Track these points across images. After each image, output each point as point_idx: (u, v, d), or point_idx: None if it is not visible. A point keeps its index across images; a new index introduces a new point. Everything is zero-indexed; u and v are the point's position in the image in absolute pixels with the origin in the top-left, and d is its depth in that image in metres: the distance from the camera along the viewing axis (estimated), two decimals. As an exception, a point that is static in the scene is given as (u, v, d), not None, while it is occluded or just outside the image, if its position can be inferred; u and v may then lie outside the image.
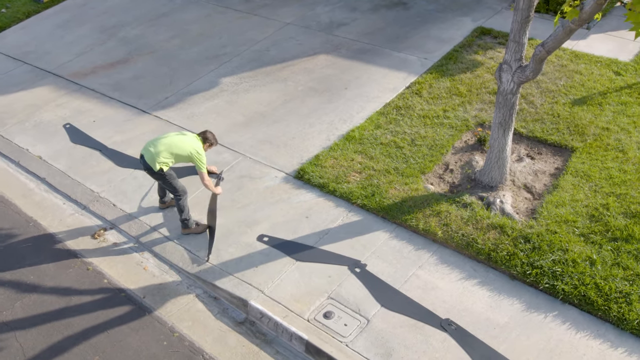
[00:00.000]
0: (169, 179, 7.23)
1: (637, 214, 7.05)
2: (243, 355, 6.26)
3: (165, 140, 7.10)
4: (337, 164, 8.31)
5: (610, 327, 6.03)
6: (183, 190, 7.37)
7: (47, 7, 14.73)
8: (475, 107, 9.26)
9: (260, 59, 11.38)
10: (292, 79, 10.64)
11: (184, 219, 7.46)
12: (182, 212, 7.41)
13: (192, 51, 11.94)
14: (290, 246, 7.17)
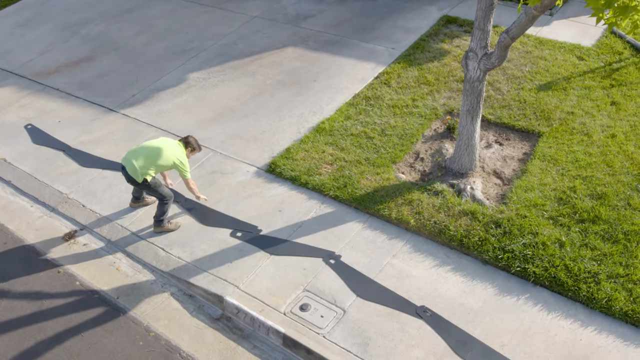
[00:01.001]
0: (154, 187, 7.11)
1: (603, 195, 7.21)
2: (220, 352, 6.23)
3: (147, 151, 6.92)
4: (308, 156, 8.30)
5: (580, 306, 6.17)
6: (169, 195, 7.27)
7: (5, 6, 14.37)
8: (443, 95, 9.34)
9: (227, 53, 11.28)
10: (261, 72, 10.58)
11: (161, 219, 7.38)
12: (163, 213, 7.33)
13: (158, 47, 11.78)
14: (264, 240, 7.16)
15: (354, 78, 10.07)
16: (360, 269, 6.69)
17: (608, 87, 9.18)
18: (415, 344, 5.91)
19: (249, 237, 7.23)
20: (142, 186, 7.07)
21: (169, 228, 7.47)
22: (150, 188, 7.10)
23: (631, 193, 7.23)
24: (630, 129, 8.29)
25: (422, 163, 8.13)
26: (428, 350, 5.85)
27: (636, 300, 6.01)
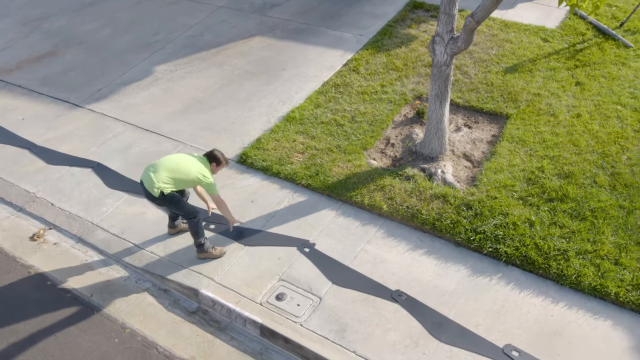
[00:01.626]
0: (175, 202, 6.46)
1: (570, 174, 7.35)
2: (198, 345, 6.21)
3: (167, 164, 6.38)
4: (279, 145, 8.28)
5: (551, 283, 6.29)
6: (195, 211, 6.61)
7: (-38, 2, 13.95)
8: (412, 80, 9.38)
9: (194, 45, 11.15)
10: (229, 63, 10.49)
11: (200, 243, 6.73)
12: (197, 234, 6.68)
13: (123, 40, 11.58)
14: (238, 231, 7.12)
15: (322, 66, 10.04)
16: (335, 256, 6.72)
17: (572, 67, 9.33)
18: (392, 328, 5.97)
19: (222, 228, 7.19)
20: (161, 201, 6.41)
21: (214, 254, 6.82)
22: (170, 203, 6.44)
23: (597, 171, 7.38)
24: (595, 108, 8.44)
25: (392, 148, 8.17)
26: (404, 333, 5.91)
27: (604, 275, 6.16)
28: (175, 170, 6.35)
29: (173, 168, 6.36)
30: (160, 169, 6.35)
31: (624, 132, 7.94)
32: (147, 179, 6.36)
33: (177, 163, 6.41)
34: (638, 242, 6.49)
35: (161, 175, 6.31)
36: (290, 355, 6.03)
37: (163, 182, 6.30)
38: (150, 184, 6.31)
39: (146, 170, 6.43)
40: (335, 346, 5.84)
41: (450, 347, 5.76)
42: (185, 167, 6.36)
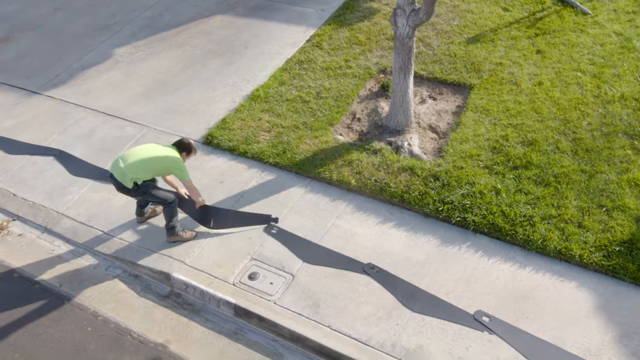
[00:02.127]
0: (150, 191, 6.41)
1: (533, 141, 7.47)
2: (172, 328, 6.19)
3: (137, 154, 6.30)
4: (245, 125, 8.21)
5: (518, 249, 6.43)
6: (170, 196, 6.55)
7: None
8: (375, 54, 9.36)
9: (153, 25, 10.91)
10: (190, 43, 10.30)
11: (172, 226, 6.68)
12: (172, 218, 6.63)
13: (80, 23, 11.26)
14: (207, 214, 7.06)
15: (285, 43, 9.94)
16: (306, 233, 6.74)
17: (533, 36, 9.42)
18: (365, 301, 6.04)
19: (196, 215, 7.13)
20: (134, 192, 6.36)
21: (184, 237, 6.76)
22: (145, 193, 6.40)
23: (559, 137, 7.52)
24: (555, 75, 8.56)
25: (359, 123, 8.17)
26: (378, 306, 5.98)
27: (568, 239, 6.31)
28: (146, 159, 6.27)
29: (144, 157, 6.27)
30: (130, 160, 6.25)
31: (584, 98, 8.09)
32: (117, 170, 6.26)
33: (147, 152, 6.33)
34: (600, 204, 6.66)
35: (132, 165, 6.22)
36: (266, 334, 6.06)
37: (135, 172, 6.22)
38: (122, 175, 6.22)
39: (115, 162, 6.33)
40: (310, 322, 5.89)
41: (423, 316, 5.86)
42: (156, 155, 6.30)
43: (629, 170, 7.01)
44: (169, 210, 6.58)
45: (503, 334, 5.65)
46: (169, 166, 6.32)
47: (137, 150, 6.39)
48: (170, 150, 6.39)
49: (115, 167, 6.30)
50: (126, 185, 6.27)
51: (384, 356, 5.56)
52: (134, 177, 6.24)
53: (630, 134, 7.48)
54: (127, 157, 6.29)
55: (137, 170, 6.24)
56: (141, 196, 6.51)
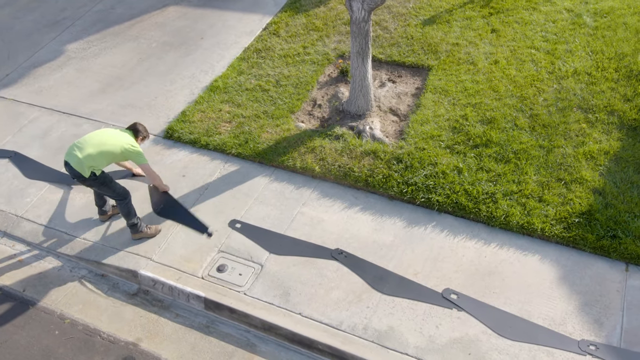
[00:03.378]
0: (106, 183, 6.26)
1: (492, 119, 7.58)
2: (142, 326, 6.12)
3: (92, 140, 6.10)
4: (206, 117, 8.11)
5: (482, 226, 6.55)
6: (125, 192, 6.44)
7: None
8: (333, 39, 9.35)
9: (105, 19, 10.65)
10: (144, 36, 10.10)
11: (133, 223, 6.53)
12: (129, 215, 6.47)
13: (27, 20, 10.91)
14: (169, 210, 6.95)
15: (241, 32, 9.84)
16: (273, 222, 6.72)
17: (487, 15, 9.53)
18: (335, 286, 6.07)
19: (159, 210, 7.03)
20: (91, 182, 6.17)
21: (148, 233, 6.65)
22: (101, 184, 6.23)
23: (517, 114, 7.65)
24: (511, 53, 8.70)
25: (320, 109, 8.17)
26: (347, 290, 6.03)
27: (530, 213, 6.46)
28: (101, 144, 6.09)
29: (99, 143, 6.10)
30: (86, 147, 6.07)
31: (539, 75, 8.24)
32: (73, 158, 6.06)
33: (101, 137, 6.16)
34: (558, 178, 6.82)
35: (89, 152, 6.04)
36: (238, 325, 6.05)
37: (93, 160, 6.04)
38: (79, 164, 6.03)
39: (70, 150, 6.12)
40: (281, 310, 5.90)
41: (393, 298, 5.93)
42: (111, 140, 6.14)
43: (584, 143, 7.19)
44: (124, 207, 6.44)
45: (471, 310, 5.77)
46: (127, 151, 6.16)
47: (92, 136, 6.18)
48: (126, 135, 6.27)
49: (71, 155, 6.08)
50: (83, 174, 6.08)
51: (356, 339, 5.62)
52: (92, 166, 6.07)
53: (584, 108, 7.67)
54: (83, 145, 6.09)
55: (95, 157, 6.06)
56: (97, 187, 6.32)
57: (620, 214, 6.36)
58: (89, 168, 6.06)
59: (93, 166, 6.07)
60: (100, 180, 6.20)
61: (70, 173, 6.18)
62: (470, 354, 5.43)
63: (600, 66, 8.25)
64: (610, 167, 6.90)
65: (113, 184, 6.37)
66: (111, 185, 6.33)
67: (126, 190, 6.48)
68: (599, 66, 8.25)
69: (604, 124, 7.44)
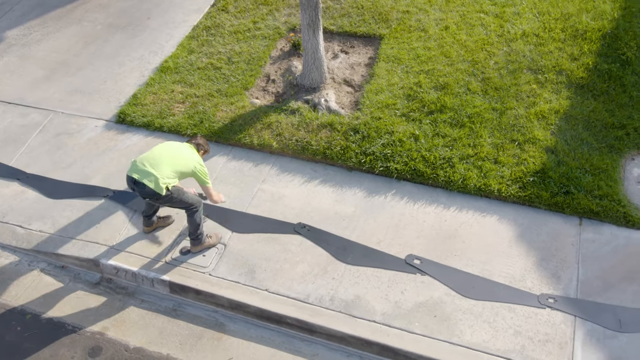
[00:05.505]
0: (179, 197, 5.81)
1: (445, 85, 7.65)
2: (108, 315, 6.04)
3: (166, 156, 5.73)
4: (158, 98, 7.94)
5: (440, 191, 6.65)
6: (198, 201, 6.01)
7: None
8: (283, 13, 9.23)
9: (45, 3, 10.25)
10: (88, 18, 9.78)
11: (199, 235, 6.10)
12: (199, 226, 6.04)
13: (-38, 7, 10.41)
14: (130, 194, 6.85)
15: (189, 9, 9.62)
16: (233, 201, 6.68)
17: (435, -19, 9.53)
18: (300, 260, 6.10)
19: (112, 193, 6.89)
20: (165, 199, 5.75)
21: (211, 243, 6.23)
22: (173, 199, 5.79)
23: (469, 79, 7.74)
24: (461, 18, 8.75)
25: (274, 85, 8.09)
26: (312, 263, 6.06)
27: (486, 175, 6.58)
28: (175, 163, 5.73)
29: (173, 161, 5.72)
30: (160, 163, 5.66)
31: (489, 39, 8.33)
32: (147, 175, 5.61)
33: (170, 153, 5.78)
34: (512, 139, 6.95)
35: (164, 170, 5.64)
36: (205, 306, 6.04)
37: (169, 178, 5.66)
38: (155, 181, 5.59)
39: (139, 167, 5.68)
40: (247, 288, 5.91)
41: (357, 267, 6.00)
42: (182, 159, 5.79)
43: (535, 103, 7.33)
44: (195, 215, 5.97)
45: (434, 274, 5.88)
46: (196, 171, 5.82)
47: (160, 152, 5.79)
48: (193, 152, 5.95)
49: (143, 172, 5.63)
50: (159, 192, 5.63)
51: (324, 311, 5.68)
52: (168, 182, 5.66)
53: (533, 69, 7.80)
54: (155, 162, 5.67)
55: (170, 174, 5.67)
56: (171, 203, 5.87)
57: (572, 171, 6.54)
58: (164, 184, 5.63)
59: (168, 183, 5.68)
60: (174, 194, 5.77)
61: (140, 192, 5.72)
62: (436, 316, 5.56)
63: (547, 27, 8.38)
64: (560, 125, 7.07)
65: (186, 195, 5.92)
66: (185, 197, 5.88)
67: (199, 200, 6.05)
68: (546, 27, 8.39)
69: (553, 83, 7.59)
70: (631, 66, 7.69)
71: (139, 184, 5.64)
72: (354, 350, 5.57)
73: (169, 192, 5.69)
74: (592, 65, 7.73)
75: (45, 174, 7.23)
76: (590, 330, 5.37)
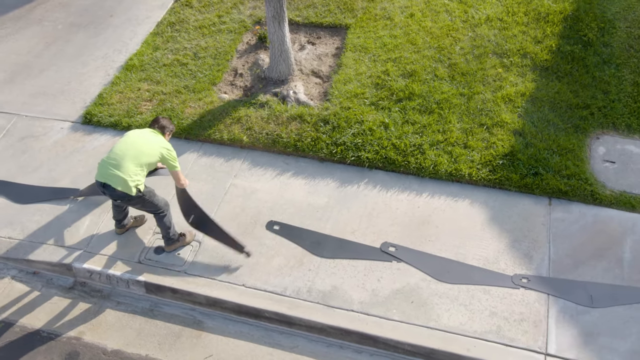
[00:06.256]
0: (149, 198, 5.67)
1: (413, 72, 7.69)
2: (84, 319, 5.97)
3: (128, 152, 5.48)
4: (124, 97, 7.83)
5: (412, 178, 6.70)
6: (166, 204, 5.88)
7: None
8: (248, 6, 9.15)
9: (2, 4, 9.99)
10: (48, 18, 9.56)
11: (171, 237, 6.03)
12: (169, 228, 5.94)
13: None
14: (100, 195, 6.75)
15: (152, 5, 9.48)
16: (206, 197, 6.62)
17: (399, -32, 9.55)
18: (275, 254, 6.09)
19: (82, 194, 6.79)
20: (137, 200, 5.59)
21: (185, 241, 6.15)
22: (145, 201, 5.64)
23: (436, 65, 7.79)
24: (425, 5, 8.79)
25: (242, 79, 8.03)
26: (288, 256, 6.06)
27: (457, 160, 6.65)
28: (139, 155, 5.50)
29: (136, 154, 5.50)
30: (123, 162, 5.45)
31: (454, 25, 8.38)
32: (114, 179, 5.43)
33: (135, 146, 5.55)
34: (480, 123, 7.03)
35: (129, 168, 5.44)
36: (182, 304, 6.00)
37: (137, 175, 5.48)
38: (123, 183, 5.43)
39: (105, 169, 5.50)
40: (224, 284, 5.88)
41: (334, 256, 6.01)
42: (147, 148, 5.56)
43: (502, 87, 7.42)
44: (166, 220, 5.89)
45: (410, 260, 5.93)
46: (164, 157, 5.63)
47: (124, 148, 5.54)
48: (157, 136, 5.71)
49: (110, 176, 5.45)
50: (129, 193, 5.47)
51: (302, 303, 5.69)
52: (137, 182, 5.47)
53: (499, 53, 7.89)
54: (119, 160, 5.46)
55: (136, 171, 5.47)
56: (141, 205, 5.70)
57: (540, 152, 6.65)
58: (134, 186, 5.46)
59: (137, 182, 5.49)
60: (147, 196, 5.64)
61: (110, 195, 5.57)
62: (413, 302, 5.61)
63: (511, 11, 8.48)
64: (527, 108, 7.17)
65: (156, 198, 5.79)
66: (155, 200, 5.74)
67: (167, 202, 5.94)
68: (509, 11, 8.48)
69: (519, 67, 7.69)
70: (593, 47, 7.82)
71: (108, 187, 5.52)
72: (334, 340, 5.60)
73: (140, 193, 5.58)
74: (555, 48, 7.85)
75: (11, 178, 7.08)
76: (563, 307, 5.49)
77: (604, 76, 7.46)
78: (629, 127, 6.96)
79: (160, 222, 5.92)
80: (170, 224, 5.96)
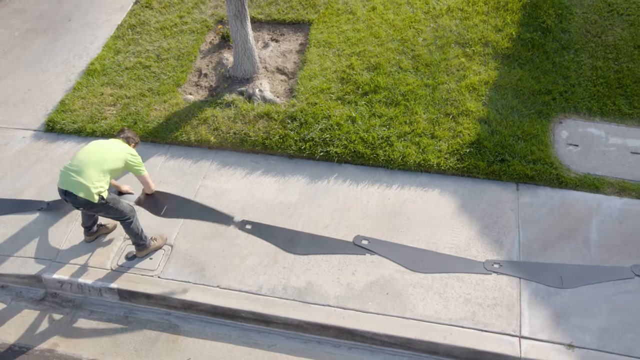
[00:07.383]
0: (113, 205, 5.59)
1: (377, 65, 7.72)
2: (57, 330, 5.86)
3: (89, 159, 5.46)
4: (87, 103, 7.69)
5: (382, 170, 6.74)
6: (132, 210, 5.80)
7: None
8: (209, 5, 9.07)
9: (-45, 13, 9.72)
10: (3, 25, 9.34)
11: (141, 242, 5.97)
12: (138, 234, 5.89)
13: None
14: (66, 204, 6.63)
15: (112, 8, 9.33)
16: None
17: (359, -38, 9.57)
18: (248, 253, 6.07)
19: (47, 205, 6.65)
20: (100, 208, 5.51)
21: (157, 245, 6.09)
22: (109, 208, 5.57)
23: (400, 57, 7.84)
24: (386, -2, 8.83)
25: (206, 79, 7.97)
26: (262, 254, 6.05)
27: (425, 150, 6.71)
28: (101, 162, 5.49)
29: (98, 161, 5.48)
30: (85, 169, 5.41)
31: (416, 16, 8.44)
32: (75, 186, 5.38)
33: (97, 153, 5.54)
34: (446, 113, 7.10)
35: (91, 174, 5.40)
36: (157, 309, 5.94)
37: (99, 182, 5.43)
38: (85, 190, 5.37)
39: (66, 176, 5.45)
40: (198, 287, 5.84)
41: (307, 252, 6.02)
42: (110, 155, 5.57)
43: (465, 76, 7.51)
44: (133, 226, 5.82)
45: (383, 252, 5.97)
46: (129, 163, 5.70)
47: (86, 155, 5.53)
48: (122, 144, 5.76)
49: (71, 183, 5.40)
50: (92, 201, 5.41)
51: (278, 300, 5.68)
52: (99, 189, 5.42)
53: (461, 43, 7.97)
54: (81, 167, 5.43)
55: (100, 178, 5.45)
56: (105, 212, 5.63)
57: (505, 139, 6.75)
58: (97, 193, 5.40)
59: (100, 189, 5.44)
60: (110, 202, 5.56)
61: (72, 203, 5.49)
62: (388, 293, 5.65)
63: (471, 1, 8.57)
64: (491, 96, 7.27)
65: (120, 204, 5.70)
66: (119, 206, 5.66)
67: (132, 208, 5.86)
68: (470, 1, 8.57)
69: (481, 55, 7.78)
70: (552, 33, 7.97)
71: (70, 195, 5.45)
72: (312, 336, 5.62)
73: (104, 200, 5.50)
74: (515, 35, 7.97)
75: (-27, 191, 6.91)
76: (535, 289, 5.59)
77: (563, 62, 7.61)
78: (589, 110, 7.12)
79: (128, 229, 5.85)
80: (138, 229, 5.90)
